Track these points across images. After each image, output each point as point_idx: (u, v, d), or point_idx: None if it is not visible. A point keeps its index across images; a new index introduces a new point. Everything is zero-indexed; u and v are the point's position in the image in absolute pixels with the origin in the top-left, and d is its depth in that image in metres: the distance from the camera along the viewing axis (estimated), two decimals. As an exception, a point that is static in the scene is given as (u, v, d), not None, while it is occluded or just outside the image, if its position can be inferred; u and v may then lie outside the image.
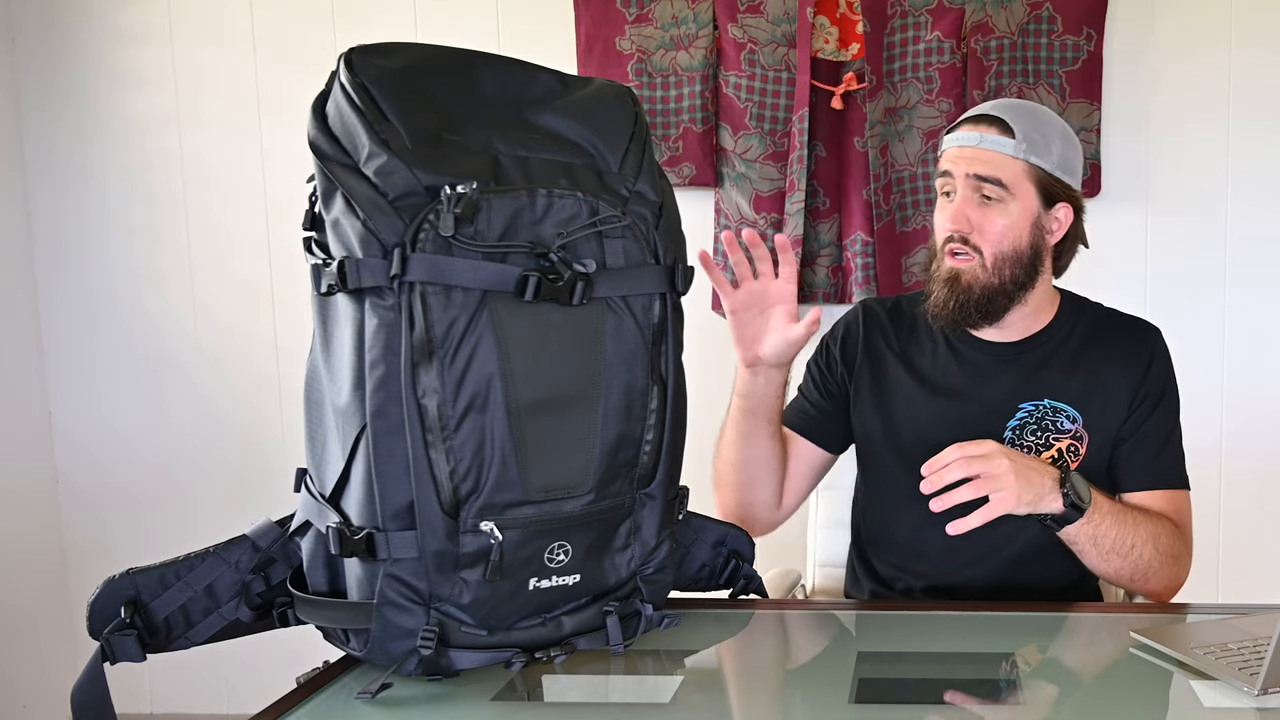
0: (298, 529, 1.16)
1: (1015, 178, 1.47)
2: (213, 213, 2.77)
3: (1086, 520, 1.39)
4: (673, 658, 1.22)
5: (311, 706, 1.09)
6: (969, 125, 1.51)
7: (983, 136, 1.48)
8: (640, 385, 1.13)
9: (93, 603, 1.10)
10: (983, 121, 1.49)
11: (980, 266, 1.49)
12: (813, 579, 1.85)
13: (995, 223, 1.48)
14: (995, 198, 1.48)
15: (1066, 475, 1.39)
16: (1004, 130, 1.48)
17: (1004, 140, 1.47)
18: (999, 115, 1.49)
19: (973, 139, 1.49)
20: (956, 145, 1.50)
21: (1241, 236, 2.58)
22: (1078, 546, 1.43)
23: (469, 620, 1.09)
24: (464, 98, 1.12)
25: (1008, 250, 1.49)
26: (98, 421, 2.85)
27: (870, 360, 1.62)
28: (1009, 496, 1.32)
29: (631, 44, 2.58)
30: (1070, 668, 1.24)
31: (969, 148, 1.48)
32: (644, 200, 1.16)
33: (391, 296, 1.02)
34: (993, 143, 1.47)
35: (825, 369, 1.66)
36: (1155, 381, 1.55)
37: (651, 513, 1.18)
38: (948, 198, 1.51)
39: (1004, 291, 1.50)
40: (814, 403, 1.65)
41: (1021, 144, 1.47)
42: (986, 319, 1.52)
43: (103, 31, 2.73)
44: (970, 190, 1.48)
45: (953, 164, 1.49)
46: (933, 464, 1.33)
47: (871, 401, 1.61)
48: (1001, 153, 1.47)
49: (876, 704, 1.10)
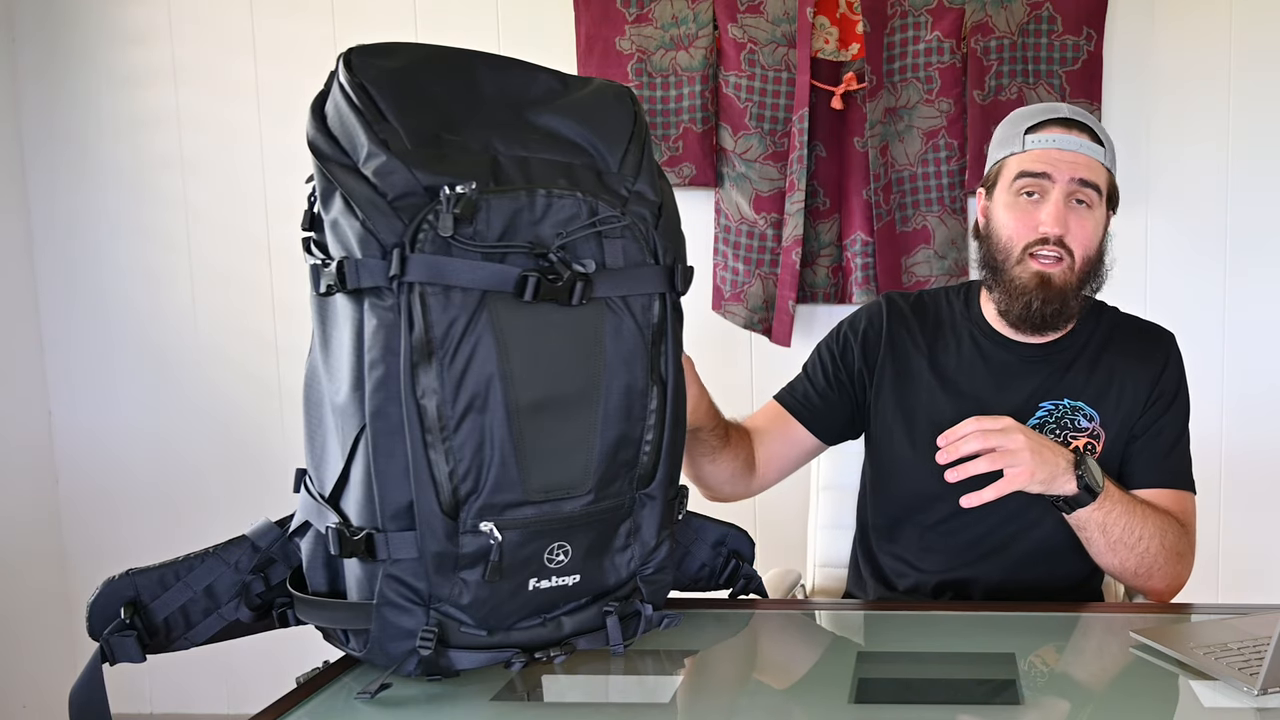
0: (297, 529, 1.16)
1: (1104, 185, 1.52)
2: (213, 213, 2.77)
3: (1098, 506, 1.39)
4: (673, 658, 1.22)
5: (311, 706, 1.09)
6: (1059, 128, 1.51)
7: (1081, 142, 1.50)
8: (640, 385, 1.13)
9: (92, 603, 1.10)
10: (1074, 126, 1.51)
11: (1069, 269, 1.50)
12: (813, 579, 1.85)
13: (1086, 226, 1.50)
14: (1088, 202, 1.50)
15: (1082, 459, 1.39)
16: (1094, 138, 1.51)
17: (1098, 148, 1.51)
18: (1085, 122, 1.52)
19: (1072, 143, 1.49)
20: (1054, 147, 1.50)
21: (1241, 236, 2.58)
22: (1086, 533, 1.43)
23: (469, 620, 1.09)
24: (463, 98, 1.12)
25: (1093, 254, 1.52)
26: (98, 421, 2.85)
27: (895, 356, 1.61)
28: (1023, 472, 1.33)
29: (631, 44, 2.58)
30: (1071, 667, 1.24)
31: (1071, 151, 1.49)
32: (643, 200, 1.15)
33: (391, 297, 1.02)
34: (1090, 149, 1.50)
35: (839, 359, 1.64)
36: (1169, 384, 1.57)
37: (651, 513, 1.18)
38: (1028, 198, 1.51)
39: (1079, 296, 1.53)
40: (819, 390, 1.64)
41: (1109, 153, 1.53)
42: (1064, 322, 1.54)
43: (103, 31, 2.73)
44: (1066, 194, 1.49)
45: (1052, 166, 1.49)
46: (950, 435, 1.34)
47: (894, 397, 1.60)
48: (1097, 159, 1.51)
49: (876, 704, 1.10)
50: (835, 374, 1.64)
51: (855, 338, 1.64)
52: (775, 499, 2.27)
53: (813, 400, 1.64)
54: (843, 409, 1.64)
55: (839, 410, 1.64)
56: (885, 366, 1.61)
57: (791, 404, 1.64)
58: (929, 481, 1.56)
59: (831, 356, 1.65)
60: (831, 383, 1.64)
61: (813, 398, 1.64)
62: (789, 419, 1.63)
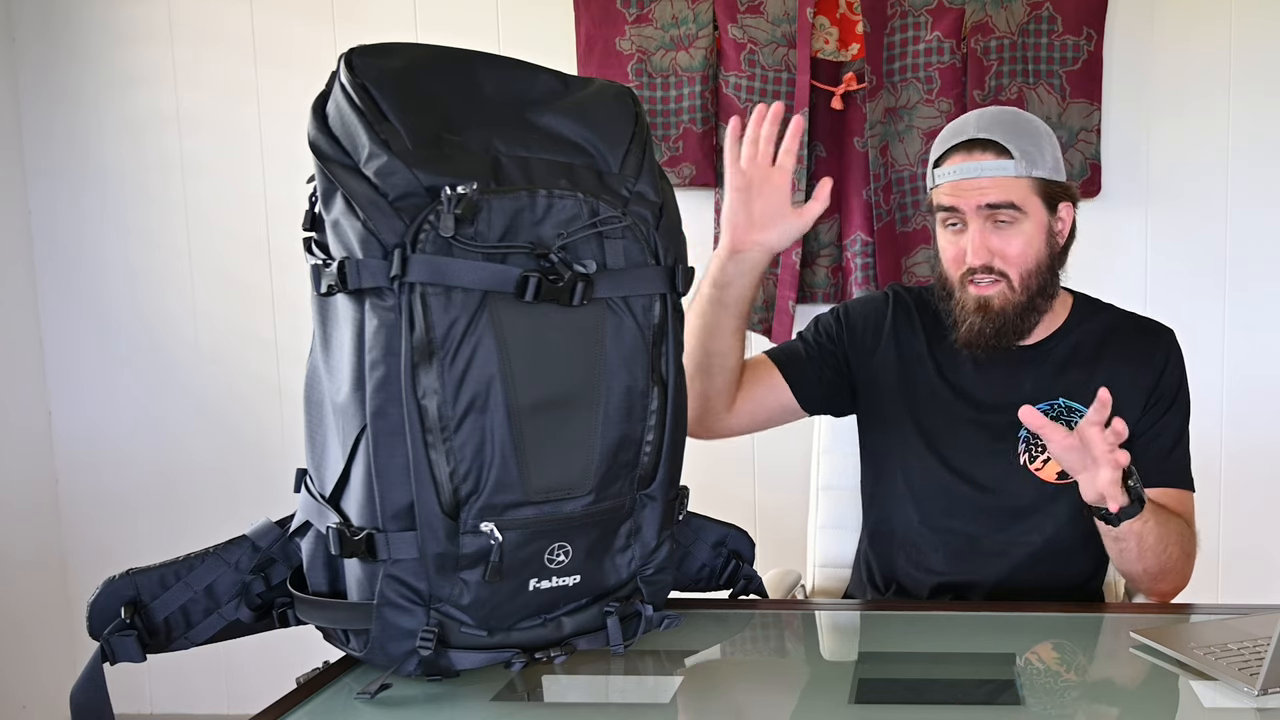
0: (297, 529, 1.16)
1: (1024, 196, 1.46)
2: (212, 213, 2.77)
3: (1141, 516, 1.37)
4: (673, 658, 1.23)
5: (311, 707, 1.09)
6: (961, 155, 1.48)
7: (982, 165, 1.46)
8: (640, 386, 1.13)
9: (92, 603, 1.10)
10: (975, 148, 1.47)
11: (1009, 289, 1.48)
12: (813, 579, 1.85)
13: (1014, 244, 1.47)
14: (1009, 220, 1.47)
15: (1130, 470, 1.36)
16: (1000, 152, 1.46)
17: (1004, 163, 1.45)
18: (990, 138, 1.47)
19: (972, 169, 1.46)
20: (956, 178, 1.47)
21: (1241, 236, 2.58)
22: (1124, 544, 1.41)
23: (469, 621, 1.09)
24: (464, 98, 1.12)
25: (1032, 267, 1.49)
26: (98, 422, 2.85)
27: (898, 350, 1.60)
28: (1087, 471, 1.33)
29: (631, 44, 2.58)
30: (1071, 668, 1.23)
31: (970, 179, 1.46)
32: (644, 201, 1.16)
33: (392, 297, 1.02)
34: (994, 168, 1.45)
35: (833, 338, 1.63)
36: (1169, 382, 1.56)
37: (652, 514, 1.18)
38: (952, 229, 1.50)
39: (1033, 306, 1.51)
40: (811, 357, 1.62)
41: (1021, 162, 1.45)
42: (1020, 336, 1.53)
43: (103, 31, 2.73)
44: (983, 220, 1.47)
45: (957, 199, 1.47)
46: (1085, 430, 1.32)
47: (896, 392, 1.59)
48: (1005, 176, 1.45)
49: (876, 704, 1.10)
50: (828, 348, 1.63)
51: (856, 323, 1.63)
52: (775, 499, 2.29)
53: (805, 368, 1.62)
54: (823, 381, 1.62)
55: (824, 382, 1.62)
56: (887, 363, 1.60)
57: (778, 356, 1.63)
58: (931, 484, 1.56)
59: (826, 333, 1.64)
60: (823, 355, 1.62)
61: (799, 355, 1.63)
62: (772, 368, 1.61)
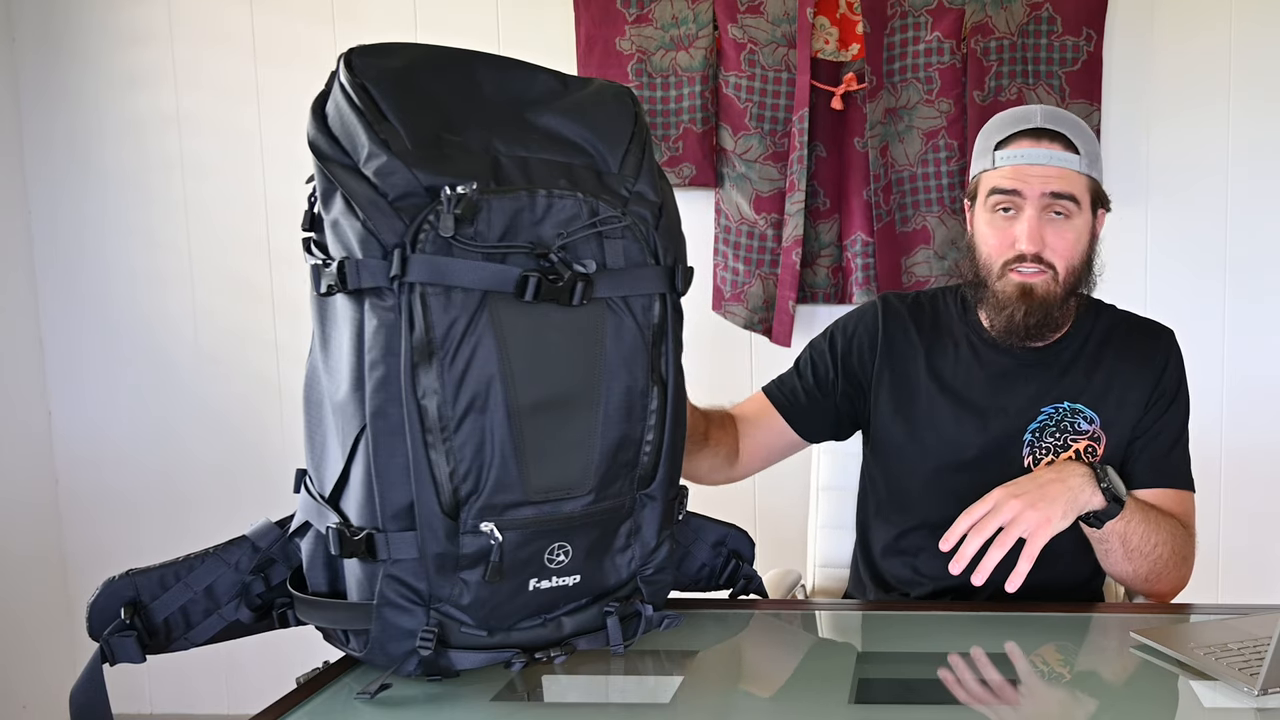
0: (297, 530, 1.16)
1: (1081, 192, 1.48)
2: (212, 213, 2.77)
3: (1122, 517, 1.38)
4: (673, 658, 1.22)
5: (311, 707, 1.09)
6: (1029, 140, 1.48)
7: (1051, 153, 1.46)
8: (640, 386, 1.13)
9: (92, 604, 1.10)
10: (1044, 136, 1.48)
11: (1053, 280, 1.48)
12: (813, 579, 1.85)
13: (1066, 238, 1.48)
14: (1065, 213, 1.47)
15: (1103, 472, 1.37)
16: (1067, 146, 1.47)
17: (1071, 156, 1.47)
18: (1058, 130, 1.48)
19: (1043, 155, 1.46)
20: (1023, 162, 1.47)
21: (1241, 236, 2.58)
22: (1107, 545, 1.42)
23: (469, 621, 1.09)
24: (464, 98, 1.12)
25: (1077, 263, 1.50)
26: (98, 422, 2.85)
27: (892, 362, 1.60)
28: (1041, 526, 1.31)
29: (631, 44, 2.58)
30: (1071, 668, 1.23)
31: (1040, 165, 1.46)
32: (644, 201, 1.15)
33: (391, 297, 1.02)
34: (1062, 159, 1.46)
35: (829, 363, 1.63)
36: (1170, 383, 1.56)
37: (652, 513, 1.18)
38: (1003, 214, 1.49)
39: (1066, 304, 1.51)
40: (805, 389, 1.63)
41: (1084, 159, 1.48)
42: (1054, 330, 1.53)
43: (103, 31, 2.73)
44: (1041, 208, 1.47)
45: (1023, 182, 1.46)
46: (948, 539, 1.31)
47: (892, 404, 1.59)
48: (1071, 169, 1.47)
49: (876, 704, 1.10)
50: (824, 375, 1.63)
51: (850, 344, 1.63)
52: (775, 499, 2.29)
53: (798, 398, 1.63)
54: (826, 411, 1.63)
55: (822, 411, 1.63)
56: (883, 374, 1.60)
57: (777, 398, 1.63)
58: (933, 491, 1.56)
59: (820, 359, 1.64)
60: (819, 384, 1.63)
61: (799, 395, 1.63)
62: (773, 412, 1.63)
